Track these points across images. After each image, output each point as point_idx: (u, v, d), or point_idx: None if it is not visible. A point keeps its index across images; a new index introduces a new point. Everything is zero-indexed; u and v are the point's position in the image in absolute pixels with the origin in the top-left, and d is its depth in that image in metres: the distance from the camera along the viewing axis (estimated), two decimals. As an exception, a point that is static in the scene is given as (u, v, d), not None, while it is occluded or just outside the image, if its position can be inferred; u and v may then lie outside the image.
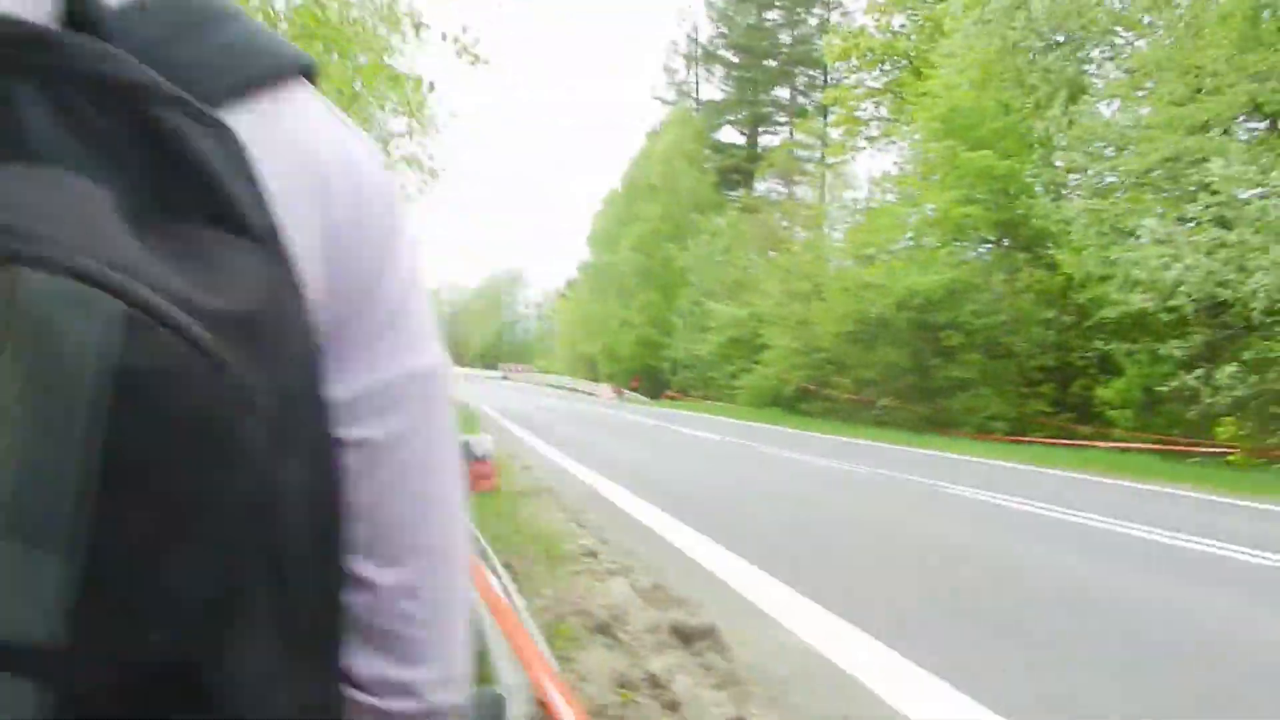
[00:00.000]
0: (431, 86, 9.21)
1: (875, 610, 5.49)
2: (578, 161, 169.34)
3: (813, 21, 52.94)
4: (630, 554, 7.19)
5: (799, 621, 5.29)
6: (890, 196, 29.16)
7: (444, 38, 8.88)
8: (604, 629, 4.98)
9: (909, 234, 26.71)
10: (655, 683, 4.16)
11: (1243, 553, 7.30)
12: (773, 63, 55.05)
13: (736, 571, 6.52)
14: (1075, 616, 5.40)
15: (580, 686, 4.13)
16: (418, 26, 11.68)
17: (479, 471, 10.88)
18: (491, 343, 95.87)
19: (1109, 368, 18.86)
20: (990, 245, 24.67)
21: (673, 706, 3.92)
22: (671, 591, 5.95)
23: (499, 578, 4.64)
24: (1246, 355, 13.93)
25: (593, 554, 7.08)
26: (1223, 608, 5.70)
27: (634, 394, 48.66)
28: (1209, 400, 14.18)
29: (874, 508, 10.08)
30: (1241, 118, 16.19)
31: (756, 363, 32.87)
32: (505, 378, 70.56)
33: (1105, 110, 18.97)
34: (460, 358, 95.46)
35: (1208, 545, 7.63)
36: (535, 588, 5.98)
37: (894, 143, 31.71)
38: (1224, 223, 13.73)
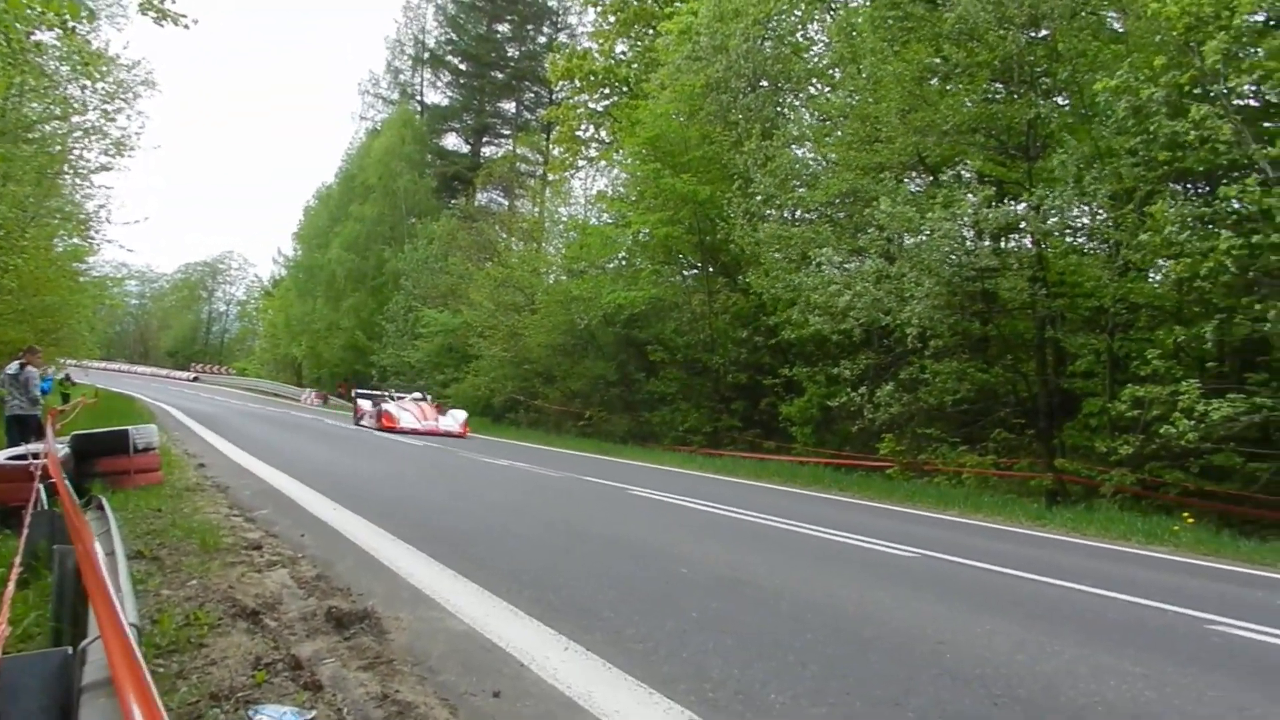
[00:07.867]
0: (92, 15, 8.16)
1: (543, 593, 5.37)
2: (291, 148, 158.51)
3: (541, 39, 53.67)
4: (299, 547, 6.64)
5: (461, 604, 5.07)
6: (606, 217, 29.97)
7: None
8: (250, 615, 4.48)
9: (621, 253, 27.53)
10: (297, 664, 3.76)
11: (876, 544, 7.99)
12: (500, 75, 55.09)
13: (410, 563, 6.17)
14: (726, 593, 5.55)
15: (208, 671, 3.65)
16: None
17: (143, 465, 9.74)
18: (185, 340, 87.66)
19: (794, 387, 20.39)
20: (696, 270, 25.99)
21: (314, 686, 3.54)
22: (336, 582, 5.51)
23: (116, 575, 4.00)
24: (902, 375, 15.52)
25: (257, 547, 6.46)
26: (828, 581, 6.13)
27: (340, 400, 46.39)
28: (870, 416, 15.62)
29: (556, 506, 10.09)
30: (912, 173, 18.20)
31: (467, 372, 32.45)
32: (196, 379, 64.89)
33: (797, 151, 20.64)
34: (146, 355, 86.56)
35: (844, 538, 8.31)
36: (181, 579, 5.32)
37: (611, 166, 32.61)
38: (888, 256, 15.26)
